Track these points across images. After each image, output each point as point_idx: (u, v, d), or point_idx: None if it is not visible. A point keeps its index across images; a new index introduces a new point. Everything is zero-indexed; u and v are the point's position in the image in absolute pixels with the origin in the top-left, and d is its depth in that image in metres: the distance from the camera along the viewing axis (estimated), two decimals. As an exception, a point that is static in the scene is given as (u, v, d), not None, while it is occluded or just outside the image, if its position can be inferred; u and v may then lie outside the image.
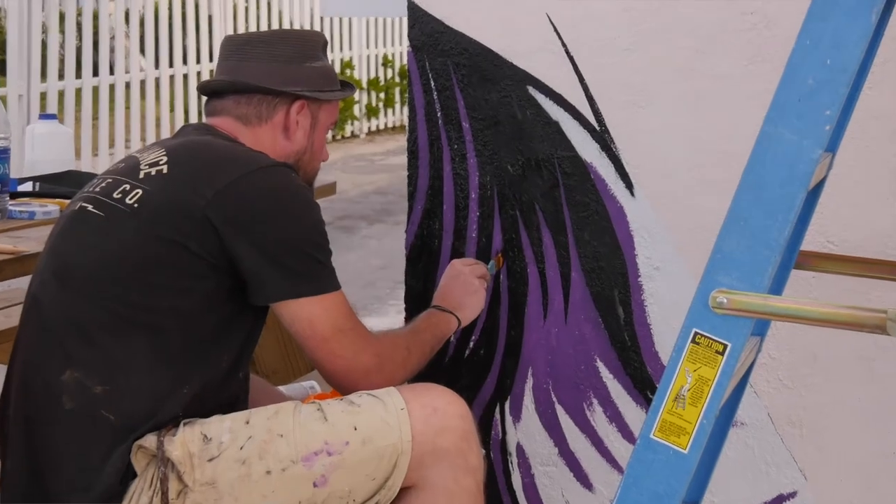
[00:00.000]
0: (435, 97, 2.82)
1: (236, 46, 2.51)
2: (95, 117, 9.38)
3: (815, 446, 2.61)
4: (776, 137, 1.65)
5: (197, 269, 2.24)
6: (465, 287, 2.66)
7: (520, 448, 2.85)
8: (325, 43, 2.59)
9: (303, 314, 2.29)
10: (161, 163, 2.33)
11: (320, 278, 2.30)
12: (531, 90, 2.74)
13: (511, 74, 2.75)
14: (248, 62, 2.48)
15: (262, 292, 2.28)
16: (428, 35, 2.81)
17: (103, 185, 2.35)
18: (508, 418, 2.85)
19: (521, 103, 2.75)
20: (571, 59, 2.70)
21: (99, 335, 2.23)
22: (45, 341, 2.27)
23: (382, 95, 14.02)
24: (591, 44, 2.69)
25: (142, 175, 2.32)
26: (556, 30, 2.71)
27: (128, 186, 2.31)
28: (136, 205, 2.28)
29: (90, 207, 2.33)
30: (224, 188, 2.26)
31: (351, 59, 13.53)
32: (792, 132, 1.64)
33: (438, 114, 2.82)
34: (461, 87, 2.79)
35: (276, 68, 2.47)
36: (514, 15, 2.74)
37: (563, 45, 2.71)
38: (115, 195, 2.31)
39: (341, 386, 2.35)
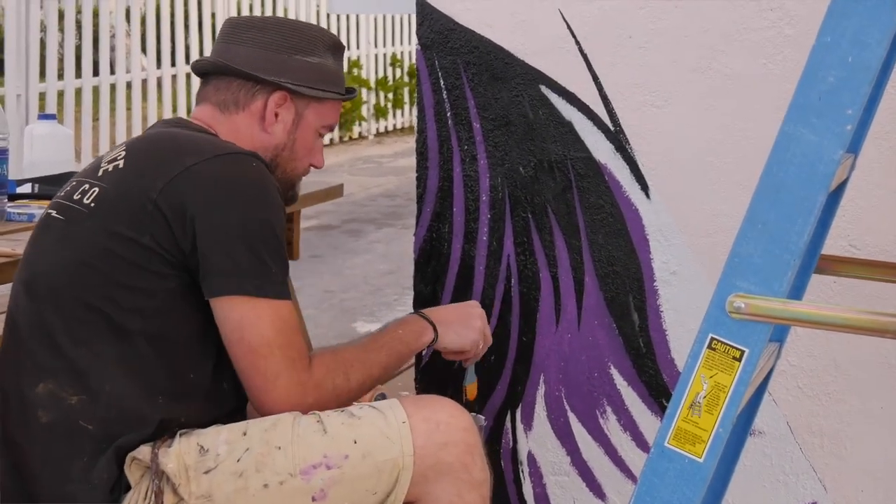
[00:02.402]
0: (444, 97, 2.77)
1: (230, 28, 2.43)
2: (96, 118, 9.36)
3: (836, 456, 2.58)
4: (796, 138, 1.62)
5: (154, 265, 2.15)
6: (463, 316, 2.48)
7: (531, 457, 2.80)
8: (333, 43, 2.47)
9: (232, 314, 2.15)
10: (119, 158, 2.27)
11: (261, 279, 2.14)
12: (544, 89, 2.70)
13: (523, 73, 2.71)
14: (234, 45, 2.38)
15: (205, 286, 2.16)
16: (437, 33, 2.77)
17: (68, 188, 2.30)
18: (520, 426, 2.80)
19: (534, 103, 2.70)
20: (585, 57, 2.66)
21: (66, 343, 2.17)
22: (18, 355, 2.22)
23: (391, 96, 13.98)
24: (606, 42, 2.65)
25: (100, 173, 2.26)
26: (569, 27, 2.67)
27: (87, 186, 2.25)
28: (92, 204, 2.21)
29: (54, 213, 2.27)
30: (176, 176, 2.17)
31: (359, 58, 13.51)
32: (812, 132, 1.62)
33: (448, 114, 2.77)
34: (471, 87, 2.75)
35: (261, 54, 2.37)
36: (526, 11, 2.70)
37: (577, 42, 2.67)
38: (75, 196, 2.25)
39: (255, 406, 2.23)
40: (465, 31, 2.74)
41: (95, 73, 9.44)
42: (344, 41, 13.06)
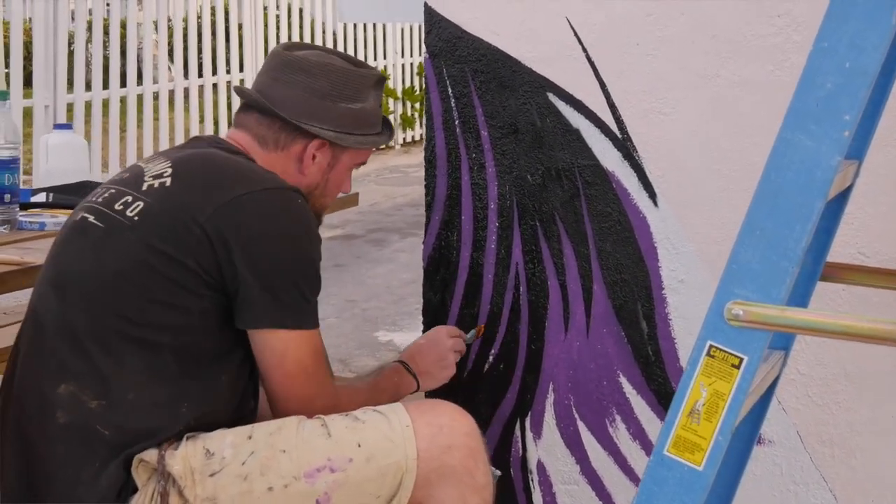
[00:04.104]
0: (453, 105, 2.77)
1: (278, 63, 2.43)
2: (123, 129, 9.39)
3: (847, 466, 2.56)
4: (793, 144, 1.62)
5: (192, 285, 2.20)
6: (439, 359, 2.60)
7: (541, 465, 2.79)
8: (377, 80, 2.48)
9: (277, 345, 2.24)
10: (165, 174, 2.30)
11: (303, 313, 2.25)
12: (551, 97, 2.69)
13: (530, 81, 2.70)
14: (282, 85, 2.40)
15: (245, 316, 2.24)
16: (445, 41, 2.76)
17: (106, 195, 2.32)
18: (529, 435, 2.79)
19: (541, 110, 2.70)
20: (592, 64, 2.65)
21: (93, 348, 2.20)
22: (41, 354, 2.24)
23: (418, 105, 13.98)
24: (613, 49, 2.64)
25: (145, 187, 2.29)
26: (576, 35, 2.66)
27: (130, 198, 2.28)
28: (136, 217, 2.25)
29: (91, 218, 2.30)
30: (225, 204, 2.22)
31: (385, 67, 13.51)
32: (810, 138, 1.62)
33: (456, 122, 2.77)
34: (479, 95, 2.74)
35: (306, 100, 2.39)
36: (534, 19, 2.69)
37: (584, 50, 2.66)
38: (116, 206, 2.28)
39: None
40: (472, 39, 2.74)
41: (123, 83, 9.48)
42: (371, 51, 13.18)
